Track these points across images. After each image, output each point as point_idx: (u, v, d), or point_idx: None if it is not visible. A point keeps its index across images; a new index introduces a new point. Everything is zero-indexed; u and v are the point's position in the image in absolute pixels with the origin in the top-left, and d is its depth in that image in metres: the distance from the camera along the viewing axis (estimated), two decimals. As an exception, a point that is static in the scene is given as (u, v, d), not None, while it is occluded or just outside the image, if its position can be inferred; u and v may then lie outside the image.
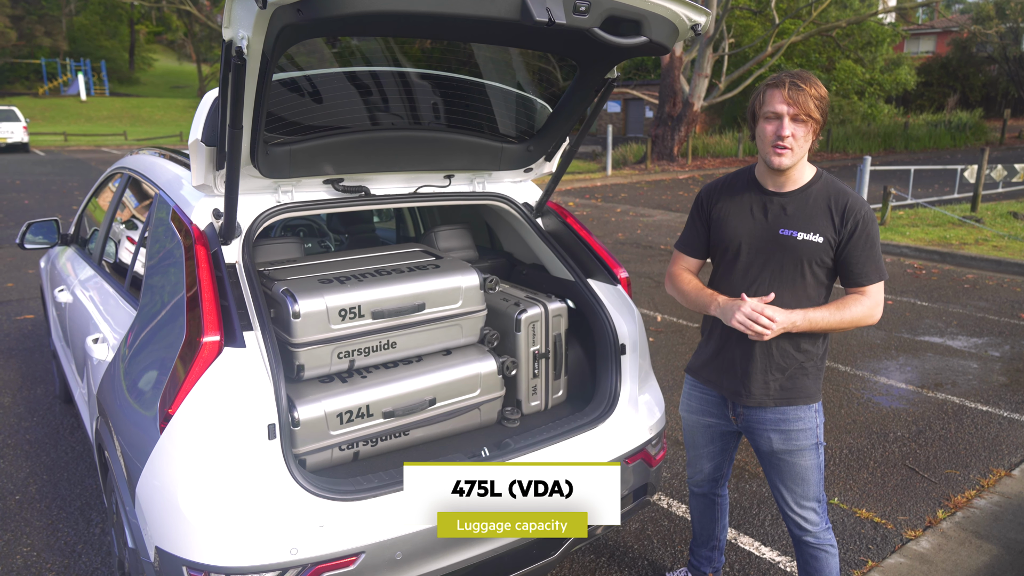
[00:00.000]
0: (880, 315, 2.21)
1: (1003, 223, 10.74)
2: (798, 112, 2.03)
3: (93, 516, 3.33)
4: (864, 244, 2.13)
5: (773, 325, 2.06)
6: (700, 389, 2.44)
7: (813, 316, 2.13)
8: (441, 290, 2.51)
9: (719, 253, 2.31)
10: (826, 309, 2.14)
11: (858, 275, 2.15)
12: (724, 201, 2.29)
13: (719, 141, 25.34)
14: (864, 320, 2.17)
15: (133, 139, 32.27)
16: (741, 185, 2.28)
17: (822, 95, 2.06)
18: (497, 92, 2.68)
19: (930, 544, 3.21)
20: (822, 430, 2.31)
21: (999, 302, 7.26)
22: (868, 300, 2.16)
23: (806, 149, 2.11)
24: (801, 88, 2.02)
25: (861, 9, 27.05)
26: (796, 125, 2.05)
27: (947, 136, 26.91)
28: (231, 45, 1.72)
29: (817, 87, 2.05)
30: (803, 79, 2.05)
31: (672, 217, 12.73)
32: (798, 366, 2.22)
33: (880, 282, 2.17)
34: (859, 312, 2.15)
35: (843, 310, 2.14)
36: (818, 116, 2.05)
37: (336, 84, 2.38)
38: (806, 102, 2.02)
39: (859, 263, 2.14)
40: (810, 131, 2.07)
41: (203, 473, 1.92)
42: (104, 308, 2.88)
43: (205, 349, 1.95)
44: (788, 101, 2.03)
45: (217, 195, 2.30)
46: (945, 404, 4.76)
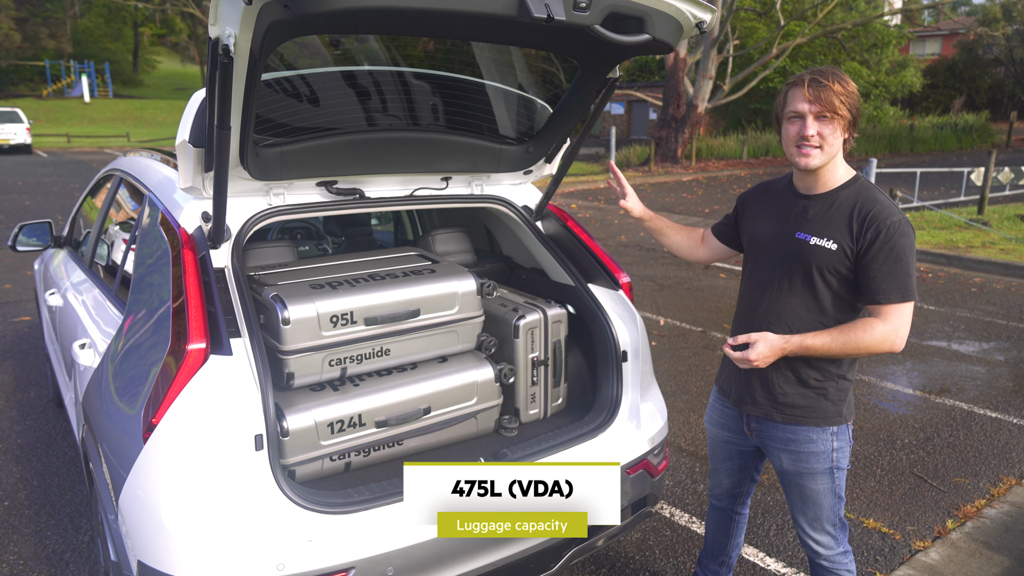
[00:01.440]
0: (903, 343, 1.97)
1: (1010, 226, 10.63)
2: (821, 109, 1.93)
3: (82, 524, 3.27)
4: (886, 257, 1.92)
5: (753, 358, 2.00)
6: (720, 401, 2.36)
7: (812, 343, 1.98)
8: (436, 295, 2.44)
9: (746, 254, 2.27)
10: (828, 334, 1.97)
11: (874, 291, 1.95)
12: (758, 201, 2.24)
13: (723, 143, 25.25)
14: (878, 346, 1.96)
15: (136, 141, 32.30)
16: (779, 187, 2.20)
17: (849, 90, 1.93)
18: (496, 92, 2.61)
19: (939, 555, 3.13)
20: (843, 455, 2.14)
21: (1007, 306, 7.17)
22: (882, 324, 1.94)
23: (837, 148, 1.98)
24: (823, 84, 1.92)
25: (867, 11, 26.89)
26: (821, 123, 1.94)
27: (953, 138, 26.79)
28: (217, 43, 1.65)
29: (843, 82, 1.93)
30: (825, 75, 1.94)
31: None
32: (812, 384, 2.08)
33: (903, 304, 1.94)
34: (870, 339, 1.94)
35: (848, 335, 1.96)
36: (845, 112, 1.93)
37: (329, 83, 2.31)
38: (829, 98, 1.91)
39: (877, 277, 1.94)
40: (838, 128, 1.95)
41: (187, 485, 1.85)
42: (93, 312, 2.82)
43: (190, 357, 1.89)
44: (809, 98, 1.93)
45: (206, 198, 2.24)
46: (953, 410, 4.67)
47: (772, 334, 2.02)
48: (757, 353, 2.00)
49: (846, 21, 24.21)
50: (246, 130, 1.97)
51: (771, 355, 2.01)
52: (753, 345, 2.01)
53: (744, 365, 2.03)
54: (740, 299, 2.25)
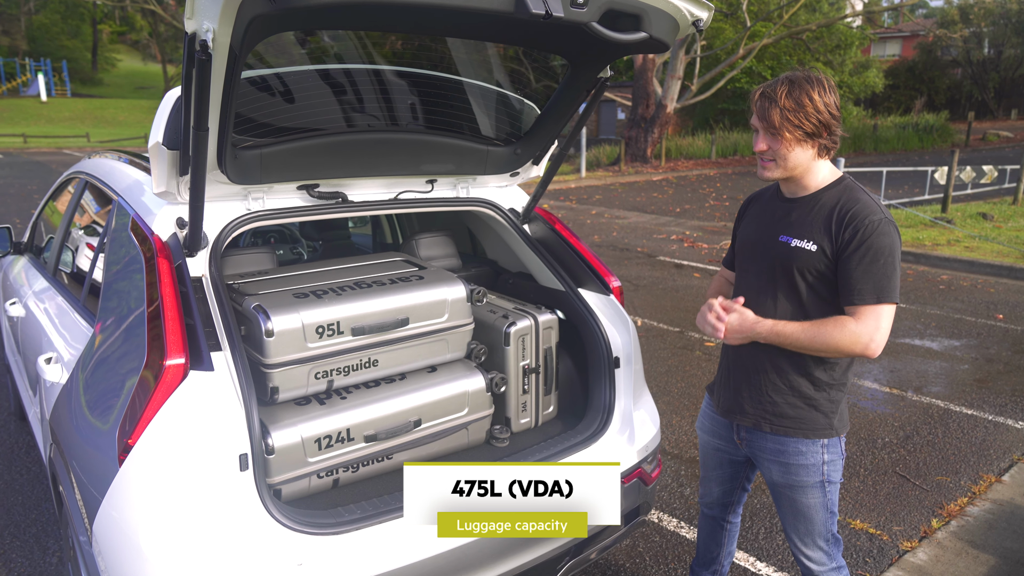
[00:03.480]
0: (878, 348, 1.87)
1: (973, 224, 10.86)
2: (767, 126, 1.90)
3: (50, 544, 3.11)
4: (862, 256, 1.85)
5: (720, 325, 1.98)
6: (712, 408, 2.32)
7: (783, 330, 1.93)
8: (426, 303, 2.35)
9: (736, 259, 2.24)
10: (800, 325, 1.91)
11: (850, 291, 1.88)
12: (751, 208, 2.22)
13: (692, 143, 25.46)
14: (849, 347, 1.87)
15: (96, 141, 31.44)
16: (769, 193, 2.18)
17: (803, 103, 1.84)
18: (483, 92, 2.54)
19: (927, 555, 3.13)
20: (834, 468, 2.08)
21: (974, 303, 7.30)
22: (855, 324, 1.86)
23: (797, 160, 1.93)
24: (771, 99, 1.87)
25: (831, 13, 27.35)
26: (770, 138, 1.92)
27: (915, 138, 27.34)
28: (195, 39, 1.55)
29: (798, 95, 1.84)
30: (778, 89, 1.87)
31: (647, 219, 12.68)
32: (802, 394, 2.03)
33: (880, 305, 1.86)
34: (839, 336, 1.87)
35: (819, 328, 1.89)
36: (791, 129, 1.86)
37: (311, 83, 2.22)
38: (771, 116, 1.87)
39: (853, 277, 1.87)
40: (790, 143, 1.89)
41: (167, 509, 1.75)
42: (58, 324, 2.68)
43: (168, 373, 1.78)
44: (757, 113, 1.93)
45: (181, 203, 2.12)
46: (930, 408, 4.72)
47: (751, 312, 2.00)
48: (728, 324, 1.99)
49: (811, 22, 24.57)
50: (224, 131, 1.86)
51: (740, 330, 1.99)
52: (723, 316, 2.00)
53: (713, 333, 2.01)
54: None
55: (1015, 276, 8.38)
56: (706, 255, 9.48)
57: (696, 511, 3.48)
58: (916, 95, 36.26)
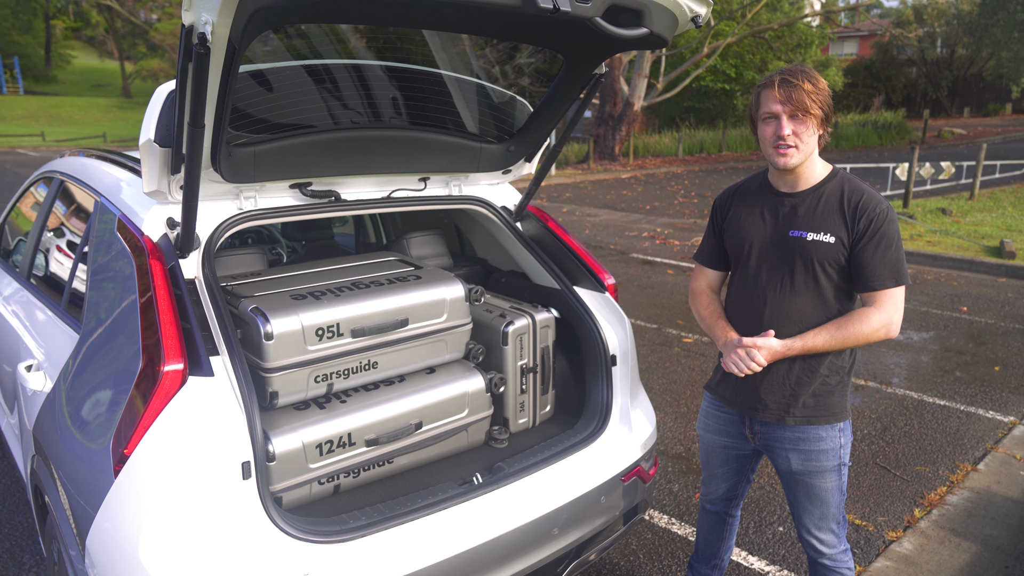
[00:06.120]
0: (898, 328, 2.02)
1: (934, 219, 11.15)
2: (794, 109, 1.95)
3: (25, 559, 2.99)
4: (877, 244, 1.97)
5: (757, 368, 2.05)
6: (717, 407, 2.32)
7: (813, 342, 2.02)
8: (425, 303, 2.31)
9: (732, 260, 2.22)
10: (827, 331, 2.01)
11: (869, 277, 1.99)
12: (736, 206, 2.21)
13: (659, 140, 25.71)
14: (875, 335, 2.00)
15: (52, 140, 30.48)
16: (754, 189, 2.19)
17: (820, 87, 1.96)
18: (476, 89, 2.51)
19: (912, 545, 3.19)
20: (847, 451, 2.16)
21: (939, 296, 7.48)
22: (877, 313, 1.99)
23: (813, 145, 2.01)
24: (793, 84, 1.94)
25: (791, 12, 27.85)
26: (795, 123, 1.97)
27: (874, 135, 27.99)
28: (192, 31, 1.49)
29: (813, 80, 1.96)
30: (794, 74, 1.96)
31: (618, 216, 12.75)
32: (822, 382, 2.09)
33: (896, 288, 2.00)
34: (868, 329, 1.99)
35: (847, 328, 2.00)
36: (817, 110, 1.96)
37: (305, 79, 2.16)
38: (800, 97, 1.93)
39: (871, 264, 1.98)
40: (812, 126, 1.98)
41: (167, 522, 1.68)
42: (36, 330, 2.57)
43: (166, 379, 1.71)
44: (781, 99, 1.95)
45: (172, 202, 2.05)
46: (905, 399, 4.82)
47: (776, 340, 2.04)
48: (759, 363, 2.04)
49: (772, 22, 24.99)
50: (220, 128, 1.80)
51: (774, 360, 2.07)
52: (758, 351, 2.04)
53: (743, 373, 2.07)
54: (735, 306, 2.21)
55: (976, 269, 8.62)
56: (678, 252, 9.57)
57: (687, 507, 3.50)
58: (874, 93, 37.12)
